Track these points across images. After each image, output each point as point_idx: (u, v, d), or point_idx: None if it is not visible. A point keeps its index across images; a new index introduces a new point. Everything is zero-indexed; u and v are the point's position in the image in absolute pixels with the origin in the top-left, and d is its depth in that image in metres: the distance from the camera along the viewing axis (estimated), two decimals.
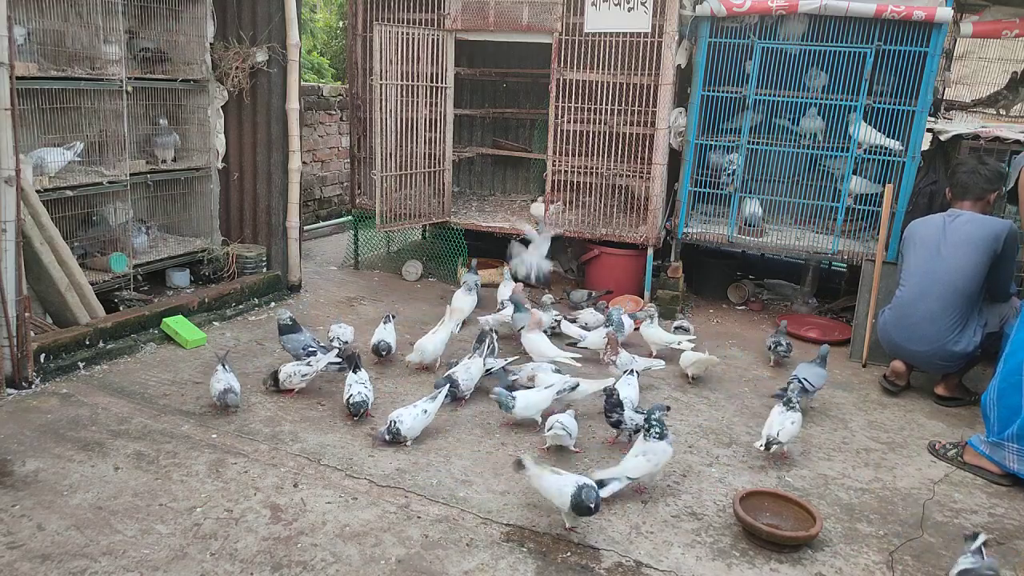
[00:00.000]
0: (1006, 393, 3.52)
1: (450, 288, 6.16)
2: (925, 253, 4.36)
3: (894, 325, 4.47)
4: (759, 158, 5.79)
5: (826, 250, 5.57)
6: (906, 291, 4.42)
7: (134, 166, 5.16)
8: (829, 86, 5.43)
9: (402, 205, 6.07)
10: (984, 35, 5.65)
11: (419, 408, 3.60)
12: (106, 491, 3.09)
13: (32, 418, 3.65)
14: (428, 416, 3.62)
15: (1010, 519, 3.27)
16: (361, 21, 6.31)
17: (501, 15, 5.78)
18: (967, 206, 4.36)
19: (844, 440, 3.92)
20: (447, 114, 6.12)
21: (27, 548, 2.72)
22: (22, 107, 4.19)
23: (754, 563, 2.85)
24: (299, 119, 5.68)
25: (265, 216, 5.81)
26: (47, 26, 4.74)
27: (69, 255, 4.47)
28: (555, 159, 5.97)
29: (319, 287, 6.15)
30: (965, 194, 4.38)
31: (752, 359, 5.01)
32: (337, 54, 12.12)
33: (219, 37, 5.57)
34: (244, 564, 2.70)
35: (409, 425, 3.53)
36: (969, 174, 4.37)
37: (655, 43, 5.47)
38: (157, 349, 4.62)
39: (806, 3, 5.08)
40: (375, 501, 3.12)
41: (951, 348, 4.23)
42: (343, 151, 8.74)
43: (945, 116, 5.83)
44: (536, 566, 2.77)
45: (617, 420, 3.57)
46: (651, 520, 3.10)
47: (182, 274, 5.63)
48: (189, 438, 3.56)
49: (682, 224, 5.82)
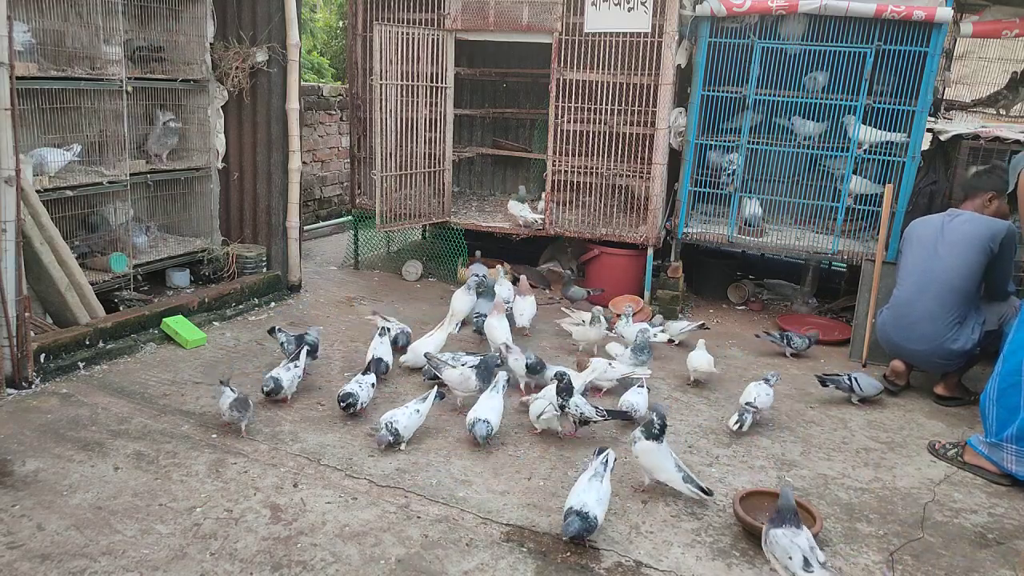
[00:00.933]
0: (1006, 393, 3.52)
1: (450, 288, 6.16)
2: (922, 252, 4.37)
3: (892, 324, 4.47)
4: (759, 158, 5.79)
5: (826, 250, 5.57)
6: (903, 290, 4.43)
7: (134, 166, 5.16)
8: (829, 86, 5.43)
9: (402, 205, 6.07)
10: (984, 35, 5.65)
11: (411, 408, 3.62)
12: (106, 491, 3.09)
13: (32, 418, 3.65)
14: (421, 416, 3.64)
15: (1010, 519, 3.27)
16: (361, 21, 6.31)
17: (501, 15, 5.78)
18: (969, 207, 4.36)
19: (844, 440, 3.92)
20: (447, 114, 6.12)
21: (27, 548, 2.72)
22: (22, 107, 4.19)
23: (754, 563, 2.85)
24: (299, 119, 5.68)
25: (265, 216, 5.81)
26: (47, 26, 4.74)
27: (69, 255, 4.48)
28: (555, 159, 5.97)
29: (319, 287, 6.15)
30: (968, 196, 4.41)
31: (752, 359, 5.00)
32: (337, 54, 12.12)
33: (219, 37, 5.57)
34: (244, 564, 2.70)
35: (405, 424, 3.54)
36: (976, 176, 4.40)
37: (655, 43, 5.47)
38: (157, 349, 4.62)
39: (806, 3, 5.08)
40: (375, 501, 3.12)
41: (949, 346, 4.23)
42: (343, 151, 8.74)
43: (945, 116, 5.83)
44: (536, 566, 2.77)
45: (562, 404, 3.63)
46: (651, 520, 3.10)
47: (182, 274, 5.63)
48: (189, 438, 3.56)
49: (682, 224, 5.82)
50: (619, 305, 5.59)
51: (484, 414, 3.56)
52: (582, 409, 3.61)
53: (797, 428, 4.01)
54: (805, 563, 2.55)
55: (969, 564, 2.93)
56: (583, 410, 3.61)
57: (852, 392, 4.30)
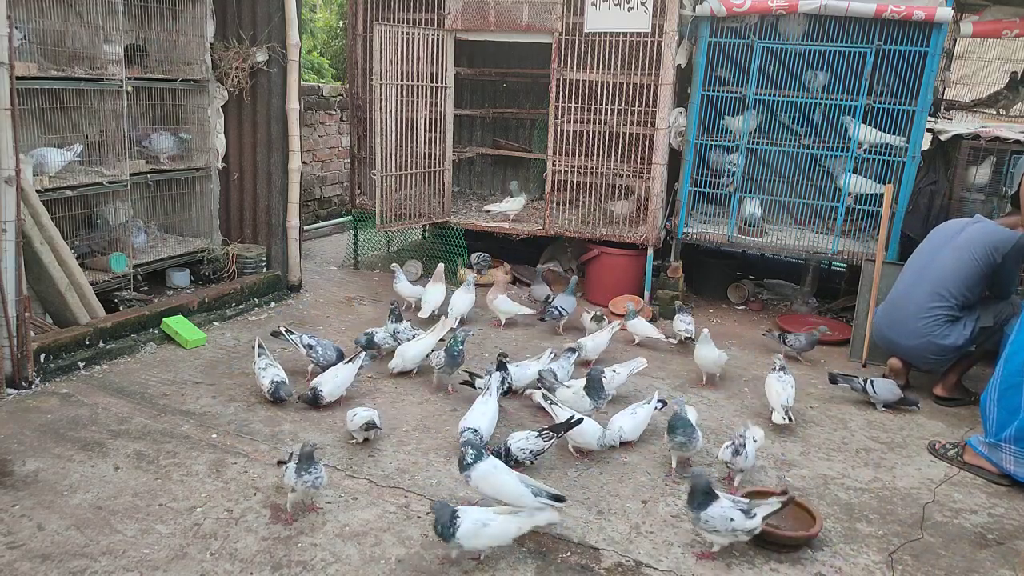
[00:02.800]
0: (1006, 394, 3.52)
1: (450, 288, 6.16)
2: (928, 251, 4.40)
3: (885, 320, 4.50)
4: (759, 158, 5.78)
5: (826, 250, 5.57)
6: (898, 287, 4.46)
7: (134, 166, 5.16)
8: (829, 86, 5.42)
9: (402, 205, 6.07)
10: (984, 35, 5.66)
11: (338, 369, 3.96)
12: (106, 491, 3.09)
13: (32, 418, 3.65)
14: (348, 378, 3.94)
15: (1010, 519, 3.27)
16: (361, 21, 6.31)
17: (501, 15, 5.78)
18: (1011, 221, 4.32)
19: (844, 440, 3.92)
20: (447, 114, 6.12)
21: (27, 548, 2.72)
22: (22, 107, 4.19)
23: (754, 563, 2.85)
24: (299, 119, 5.68)
25: (265, 216, 5.81)
26: (47, 26, 4.74)
27: (69, 255, 4.48)
28: (555, 159, 5.97)
29: (319, 287, 6.15)
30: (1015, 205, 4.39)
31: (752, 359, 5.00)
32: (337, 54, 12.12)
33: (219, 37, 5.57)
34: (244, 564, 2.70)
35: (330, 389, 3.84)
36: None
37: (655, 43, 5.47)
38: (157, 349, 4.62)
39: (806, 3, 5.08)
40: (375, 501, 3.12)
41: (939, 342, 4.23)
42: (343, 151, 8.74)
43: (945, 116, 5.83)
44: (536, 566, 2.77)
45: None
46: (651, 520, 3.10)
47: (182, 274, 5.63)
48: (189, 438, 3.56)
49: (682, 224, 5.82)
50: (619, 305, 5.59)
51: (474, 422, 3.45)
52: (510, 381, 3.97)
53: (797, 428, 4.01)
54: (745, 513, 2.78)
55: (969, 564, 2.93)
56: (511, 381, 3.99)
57: (866, 394, 4.27)
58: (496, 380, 3.76)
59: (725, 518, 2.75)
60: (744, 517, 2.76)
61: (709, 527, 2.78)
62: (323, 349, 4.25)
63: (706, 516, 2.76)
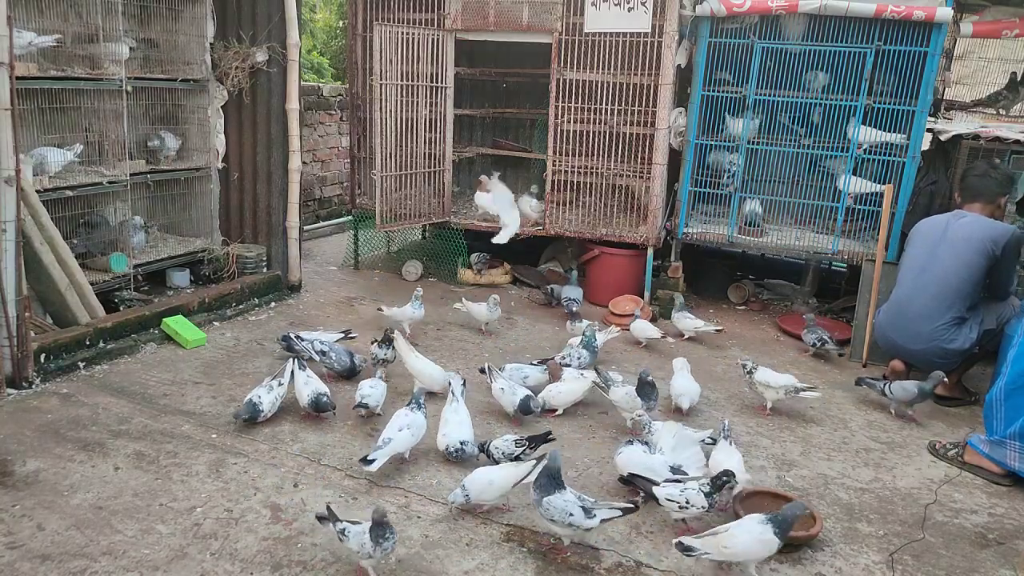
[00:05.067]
0: (1013, 394, 3.52)
1: (450, 288, 6.18)
2: (923, 251, 4.37)
3: (890, 324, 4.48)
4: (759, 158, 5.78)
5: (826, 250, 5.57)
6: (902, 289, 4.44)
7: (134, 166, 5.16)
8: (829, 86, 5.42)
9: (402, 205, 6.07)
10: (984, 35, 5.66)
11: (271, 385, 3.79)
12: (106, 491, 3.09)
13: (32, 418, 3.65)
14: (282, 391, 3.80)
15: (1010, 519, 3.27)
16: (361, 21, 6.31)
17: (501, 15, 5.78)
18: (976, 209, 4.36)
19: (844, 440, 3.92)
20: (447, 114, 6.12)
21: (27, 548, 2.72)
22: (22, 107, 4.19)
23: None
24: (299, 119, 5.67)
25: (265, 216, 5.81)
26: (47, 26, 4.74)
27: (69, 255, 4.48)
28: (555, 159, 5.97)
29: (319, 287, 6.15)
30: (975, 198, 4.39)
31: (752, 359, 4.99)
32: (337, 54, 12.12)
33: (219, 37, 5.57)
34: (244, 564, 2.70)
35: (270, 403, 3.70)
36: (980, 178, 4.38)
37: (655, 43, 5.47)
38: (157, 349, 4.62)
39: (806, 3, 5.08)
40: (375, 501, 3.12)
41: (946, 346, 4.23)
42: (343, 151, 8.74)
43: (945, 116, 5.83)
44: (536, 566, 2.77)
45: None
46: (651, 520, 3.10)
47: (182, 274, 5.63)
48: (189, 438, 3.56)
49: (682, 224, 5.82)
50: (620, 305, 5.59)
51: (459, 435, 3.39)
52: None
53: (797, 428, 4.01)
54: (586, 512, 2.74)
55: (969, 564, 2.93)
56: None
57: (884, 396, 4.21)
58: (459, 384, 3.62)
59: (564, 511, 2.73)
60: (584, 515, 2.73)
61: (547, 515, 2.76)
62: (336, 355, 4.26)
63: (547, 503, 2.75)
